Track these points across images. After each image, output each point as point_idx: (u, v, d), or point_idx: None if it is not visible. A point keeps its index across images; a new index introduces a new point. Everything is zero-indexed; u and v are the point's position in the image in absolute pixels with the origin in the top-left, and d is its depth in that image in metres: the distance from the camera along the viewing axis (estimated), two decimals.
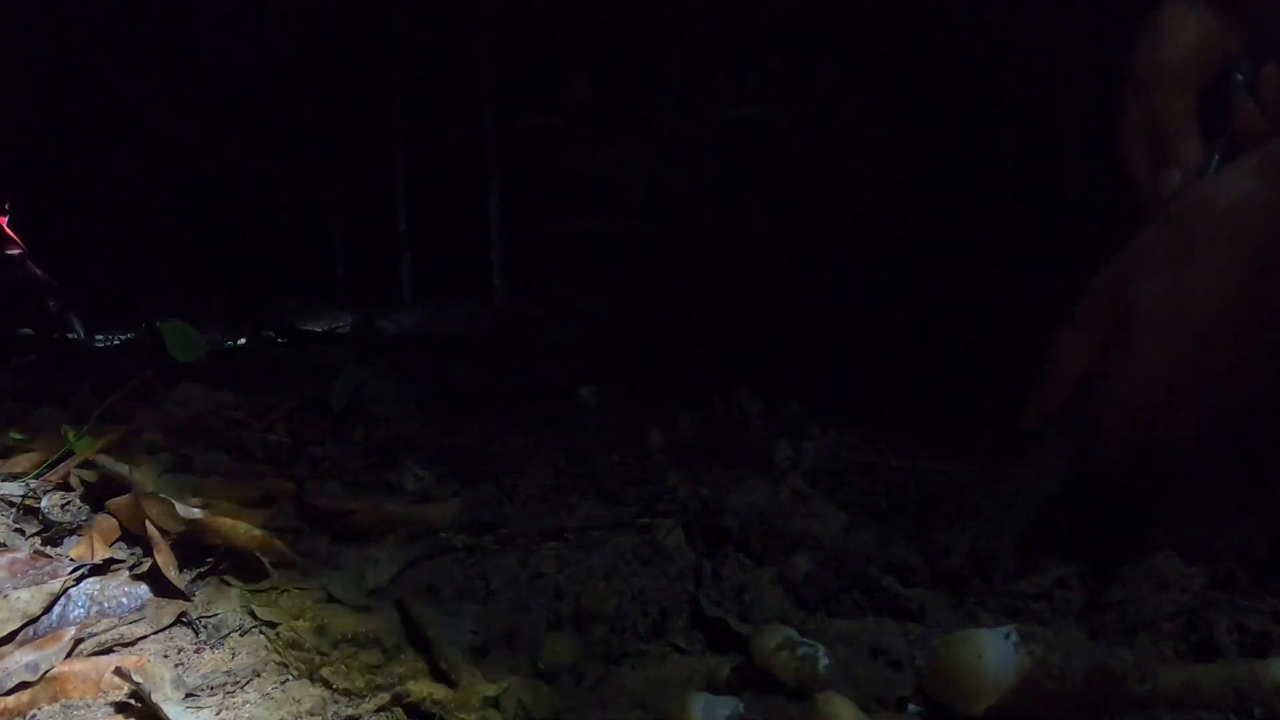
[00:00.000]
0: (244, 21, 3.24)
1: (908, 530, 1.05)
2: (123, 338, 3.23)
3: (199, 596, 0.94)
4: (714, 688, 0.75)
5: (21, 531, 1.09)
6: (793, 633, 0.74)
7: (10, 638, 0.86)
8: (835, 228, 2.25)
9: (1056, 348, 0.87)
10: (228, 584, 0.96)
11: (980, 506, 1.02)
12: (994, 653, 0.64)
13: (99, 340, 3.23)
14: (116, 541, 1.04)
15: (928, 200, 2.13)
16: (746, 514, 1.07)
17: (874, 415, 1.64)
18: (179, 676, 0.83)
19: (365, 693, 0.83)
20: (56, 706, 0.78)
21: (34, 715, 0.76)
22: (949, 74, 1.98)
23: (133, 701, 0.77)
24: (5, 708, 0.77)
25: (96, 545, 1.02)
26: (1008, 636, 0.65)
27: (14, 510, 1.14)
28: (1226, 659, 0.71)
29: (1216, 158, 0.84)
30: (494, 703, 0.74)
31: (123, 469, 1.13)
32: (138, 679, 0.73)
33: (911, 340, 1.98)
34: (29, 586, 0.91)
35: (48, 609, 0.90)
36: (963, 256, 2.05)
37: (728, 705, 0.67)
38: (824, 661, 0.71)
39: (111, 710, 0.77)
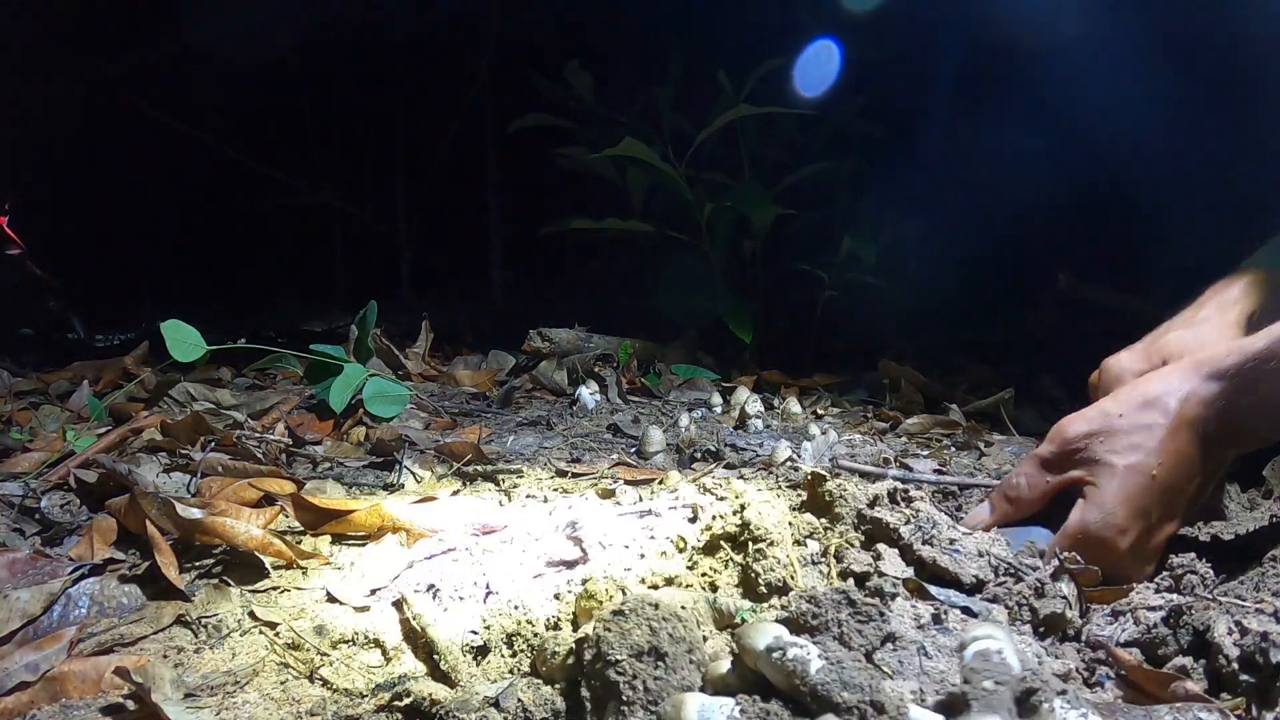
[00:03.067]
0: (245, 22, 3.24)
1: None
2: (123, 338, 3.23)
3: (199, 596, 0.94)
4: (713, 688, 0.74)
5: (21, 531, 1.09)
6: (783, 631, 0.68)
7: (10, 638, 0.86)
8: None
9: (1022, 478, 1.02)
10: (228, 584, 0.96)
11: None
12: None
13: (99, 340, 3.23)
14: (116, 542, 1.04)
15: None
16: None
17: None
18: (179, 676, 0.83)
19: (365, 693, 0.83)
20: (56, 706, 0.78)
21: (34, 715, 0.76)
22: None
23: (132, 702, 0.77)
24: (5, 708, 0.77)
25: (96, 545, 1.02)
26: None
27: (14, 510, 1.14)
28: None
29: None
30: (494, 703, 0.74)
31: (123, 469, 1.13)
32: (138, 679, 0.73)
33: None
34: (29, 586, 0.91)
35: (48, 609, 0.90)
36: None
37: (724, 706, 0.66)
38: (817, 664, 0.64)
39: (111, 710, 0.77)
